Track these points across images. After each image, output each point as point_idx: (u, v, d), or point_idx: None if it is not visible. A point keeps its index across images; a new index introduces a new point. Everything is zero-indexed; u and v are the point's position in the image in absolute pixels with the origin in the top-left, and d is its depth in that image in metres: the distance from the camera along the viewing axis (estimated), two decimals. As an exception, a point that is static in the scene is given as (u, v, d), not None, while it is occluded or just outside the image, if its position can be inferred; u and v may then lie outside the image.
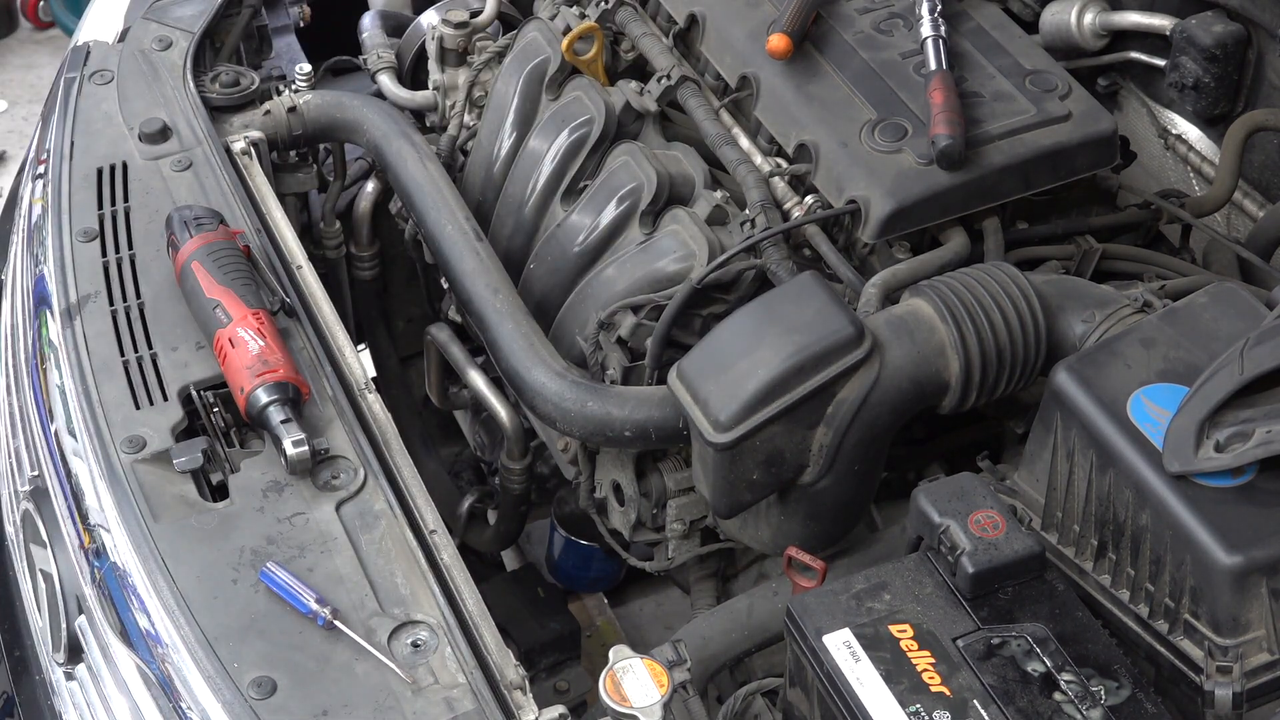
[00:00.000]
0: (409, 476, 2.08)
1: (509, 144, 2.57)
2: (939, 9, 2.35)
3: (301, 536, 1.96)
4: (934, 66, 2.29)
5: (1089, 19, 2.66)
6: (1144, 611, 1.84)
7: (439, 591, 1.92)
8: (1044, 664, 1.76)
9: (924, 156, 2.21)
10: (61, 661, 2.15)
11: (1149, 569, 1.83)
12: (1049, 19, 2.69)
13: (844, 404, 2.01)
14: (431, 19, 2.82)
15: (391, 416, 2.17)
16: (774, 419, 1.98)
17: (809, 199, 2.29)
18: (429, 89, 2.79)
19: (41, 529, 2.17)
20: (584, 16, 2.55)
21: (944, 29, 2.33)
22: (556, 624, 2.74)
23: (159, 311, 2.22)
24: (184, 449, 2.05)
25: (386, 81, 2.83)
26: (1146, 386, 1.89)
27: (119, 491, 2.02)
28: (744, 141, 2.39)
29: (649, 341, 2.25)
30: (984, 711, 1.71)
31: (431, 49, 2.76)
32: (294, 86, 2.67)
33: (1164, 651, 1.82)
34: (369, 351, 3.01)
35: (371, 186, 2.84)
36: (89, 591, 2.06)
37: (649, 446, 2.20)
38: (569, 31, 2.51)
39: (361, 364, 2.24)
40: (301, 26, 3.02)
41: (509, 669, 1.89)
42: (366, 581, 1.92)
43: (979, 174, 2.21)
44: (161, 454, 2.05)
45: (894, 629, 1.79)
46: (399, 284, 3.01)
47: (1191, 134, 2.68)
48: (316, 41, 3.02)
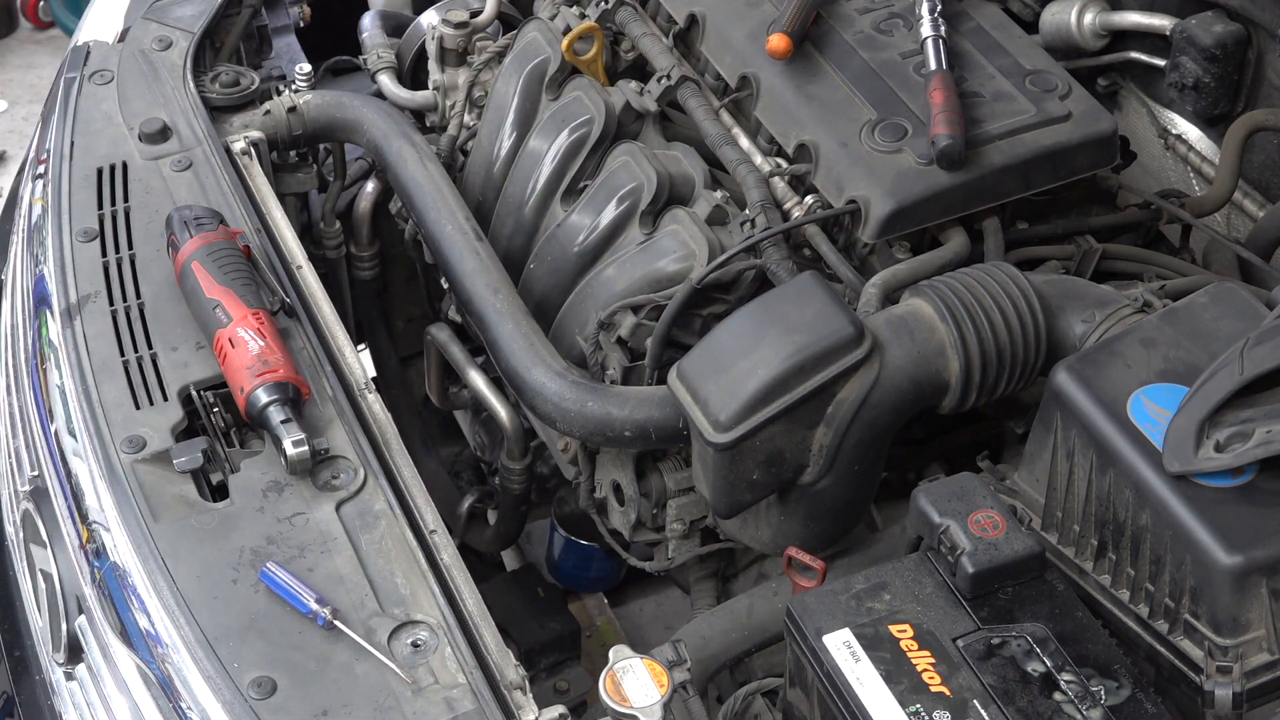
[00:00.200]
0: (409, 476, 2.08)
1: (509, 144, 2.57)
2: (939, 9, 2.35)
3: (301, 536, 1.96)
4: (934, 66, 2.29)
5: (1089, 19, 2.66)
6: (1144, 611, 1.84)
7: (439, 591, 1.92)
8: (1044, 664, 1.76)
9: (924, 156, 2.21)
10: (61, 661, 2.15)
11: (1149, 569, 1.83)
12: (1049, 19, 2.69)
13: (844, 404, 2.01)
14: (431, 19, 2.82)
15: (391, 416, 2.16)
16: (774, 419, 1.98)
17: (809, 199, 2.29)
18: (429, 89, 2.79)
19: (41, 529, 2.17)
20: (584, 16, 2.55)
21: (944, 29, 2.33)
22: (556, 624, 2.74)
23: (159, 311, 2.22)
24: (184, 449, 2.05)
25: (386, 81, 2.83)
26: (1146, 386, 1.89)
27: (119, 491, 2.01)
28: (744, 141, 2.39)
29: (649, 341, 2.24)
30: (984, 711, 1.71)
31: (431, 49, 2.76)
32: (294, 86, 2.67)
33: (1164, 651, 1.82)
34: (369, 351, 3.01)
35: (371, 186, 2.84)
36: (89, 591, 2.06)
37: (649, 446, 2.20)
38: (569, 31, 2.51)
39: (361, 364, 2.24)
40: (301, 26, 3.02)
41: (509, 669, 1.88)
42: (366, 581, 1.92)
43: (979, 174, 2.21)
44: (161, 454, 2.05)
45: (894, 629, 1.79)
46: (399, 284, 3.00)
47: (1191, 134, 2.67)
48: (316, 41, 3.02)
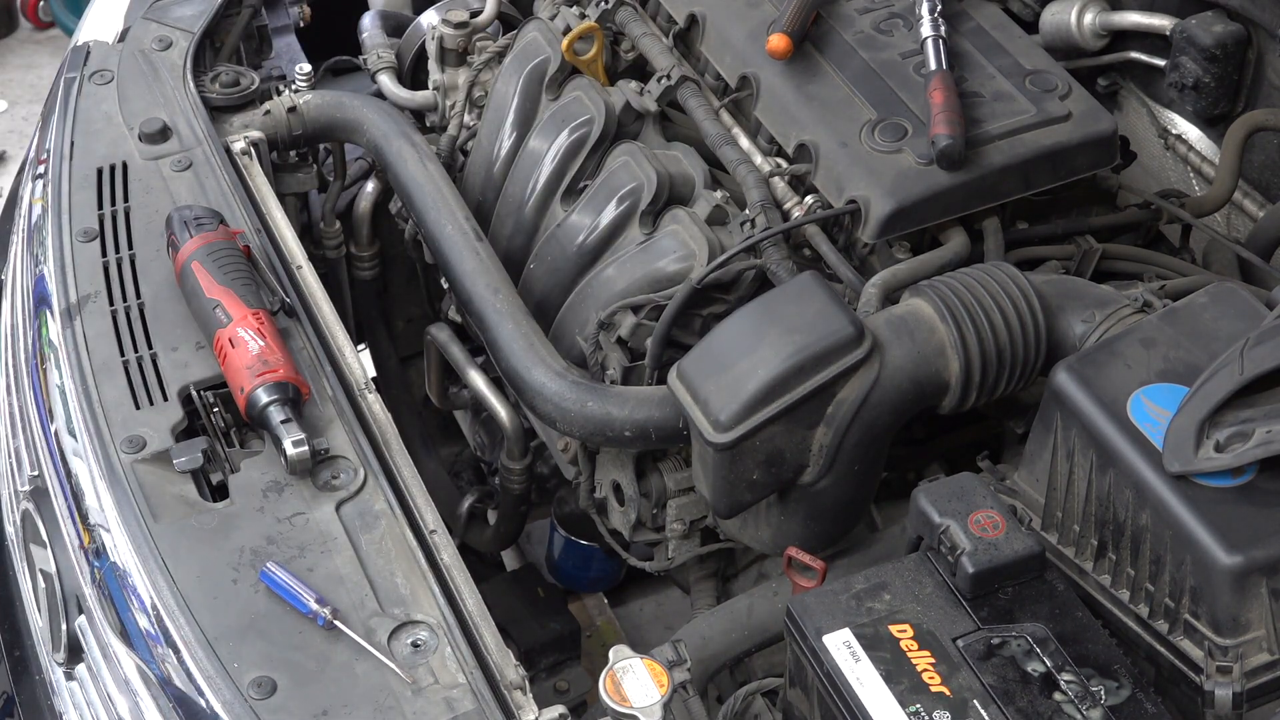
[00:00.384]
0: (409, 476, 2.08)
1: (509, 144, 2.57)
2: (939, 9, 2.35)
3: (301, 536, 1.96)
4: (934, 66, 2.29)
5: (1089, 19, 2.66)
6: (1144, 611, 1.84)
7: (439, 591, 1.91)
8: (1044, 664, 1.76)
9: (924, 156, 2.21)
10: (61, 661, 2.15)
11: (1149, 569, 1.83)
12: (1049, 19, 2.69)
13: (844, 404, 2.01)
14: (431, 19, 2.82)
15: (391, 416, 2.16)
16: (774, 419, 1.98)
17: (809, 199, 2.29)
18: (429, 89, 2.79)
19: (41, 529, 2.17)
20: (584, 16, 2.55)
21: (944, 29, 2.33)
22: (556, 624, 2.74)
23: (159, 311, 2.22)
24: (184, 449, 2.05)
25: (386, 81, 2.83)
26: (1146, 386, 1.89)
27: (119, 491, 2.01)
28: (744, 141, 2.39)
29: (649, 341, 2.24)
30: (984, 711, 1.71)
31: (431, 49, 2.76)
32: (294, 86, 2.67)
33: (1164, 651, 1.82)
34: (369, 351, 3.00)
35: (371, 186, 2.84)
36: (89, 591, 2.06)
37: (649, 446, 2.20)
38: (569, 31, 2.51)
39: (361, 364, 2.24)
40: (301, 26, 3.02)
41: (509, 669, 1.88)
42: (366, 581, 1.92)
43: (979, 174, 2.21)
44: (161, 454, 2.05)
45: (894, 629, 1.79)
46: (399, 284, 3.00)
47: (1191, 134, 2.67)
48: (316, 41, 3.02)
